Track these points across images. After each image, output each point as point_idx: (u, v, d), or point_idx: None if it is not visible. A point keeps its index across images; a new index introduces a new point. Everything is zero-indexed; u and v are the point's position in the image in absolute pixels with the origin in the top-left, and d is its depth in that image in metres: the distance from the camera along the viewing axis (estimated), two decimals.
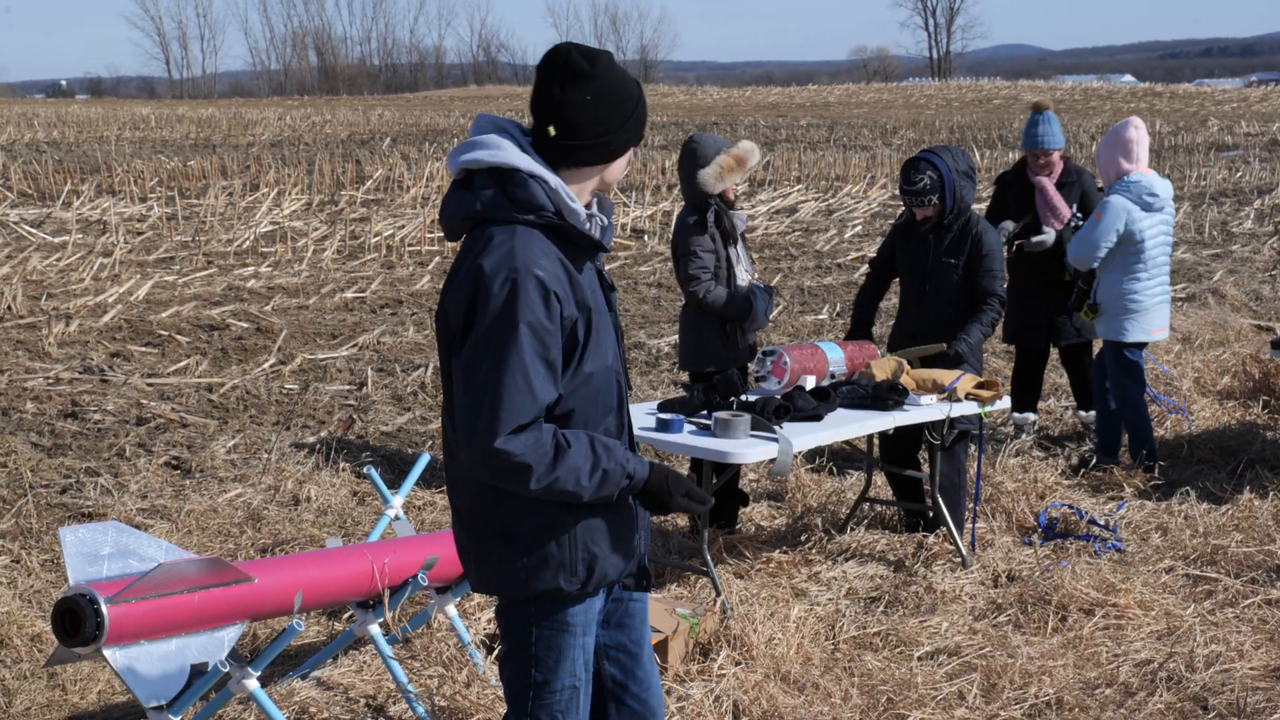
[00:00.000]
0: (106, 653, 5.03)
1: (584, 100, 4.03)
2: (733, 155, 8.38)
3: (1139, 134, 9.90)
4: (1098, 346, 10.74)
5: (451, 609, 6.43)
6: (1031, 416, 11.02)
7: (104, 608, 4.95)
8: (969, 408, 8.14)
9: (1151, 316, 9.91)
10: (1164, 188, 9.88)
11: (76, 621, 4.99)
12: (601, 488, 4.04)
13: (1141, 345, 9.98)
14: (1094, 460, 10.12)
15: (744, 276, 8.57)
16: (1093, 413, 10.92)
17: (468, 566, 4.27)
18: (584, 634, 4.30)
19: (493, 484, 4.03)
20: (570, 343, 4.01)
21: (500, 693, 5.96)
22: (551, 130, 4.05)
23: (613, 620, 4.48)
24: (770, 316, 8.65)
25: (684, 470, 9.13)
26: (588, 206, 4.21)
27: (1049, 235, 10.54)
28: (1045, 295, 10.69)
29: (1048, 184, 10.68)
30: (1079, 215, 10.64)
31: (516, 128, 4.12)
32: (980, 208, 10.31)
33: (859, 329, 8.98)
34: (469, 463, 3.99)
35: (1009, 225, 10.64)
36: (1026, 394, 11.05)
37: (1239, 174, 33.25)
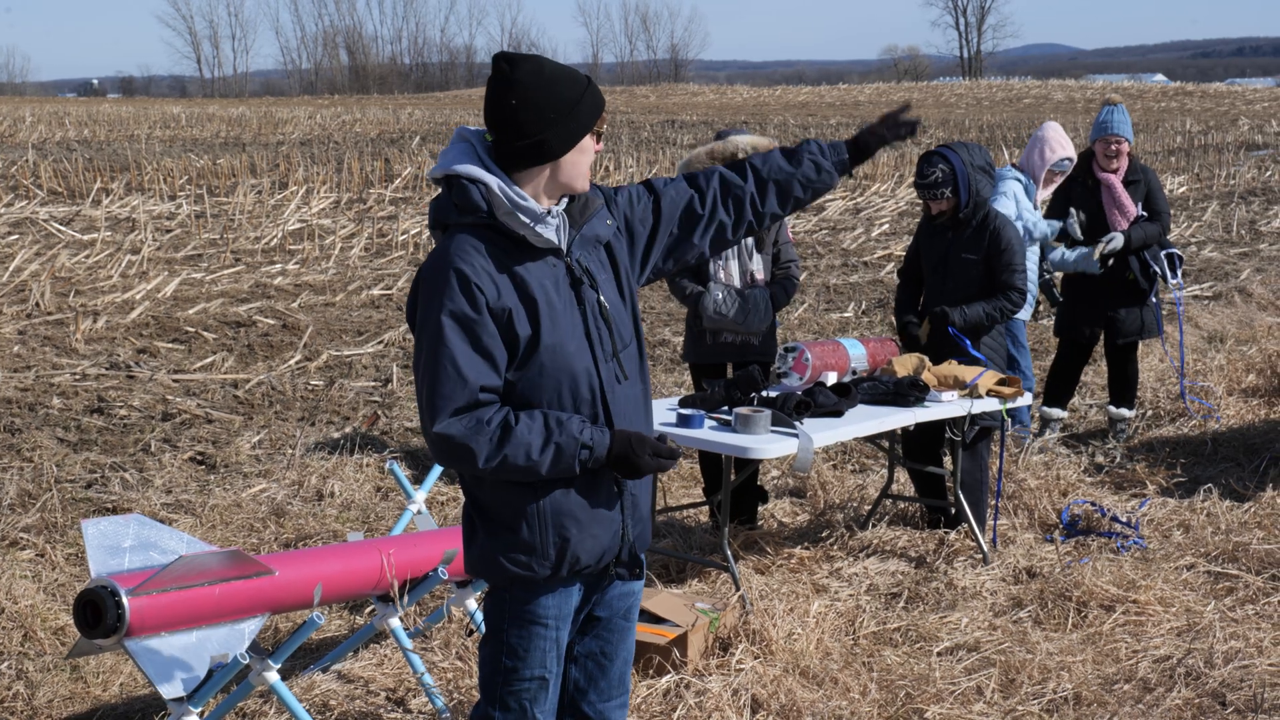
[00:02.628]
0: (127, 644, 5.06)
1: (510, 104, 4.18)
2: (713, 149, 8.43)
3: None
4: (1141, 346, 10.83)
5: (471, 603, 6.46)
6: (1060, 413, 10.99)
7: (125, 600, 4.98)
8: (990, 404, 8.14)
9: None
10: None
11: (98, 613, 5.03)
12: (558, 461, 4.15)
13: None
14: (1117, 458, 10.12)
15: (735, 277, 8.56)
16: (1123, 410, 10.91)
17: (464, 552, 4.44)
18: (557, 627, 4.39)
19: (446, 467, 4.26)
20: (509, 333, 4.16)
21: None
22: (488, 136, 4.26)
23: (591, 631, 4.54)
24: (759, 320, 8.57)
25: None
26: (557, 203, 4.30)
27: (1118, 238, 10.49)
28: (1106, 291, 10.63)
29: (1115, 181, 10.62)
30: (1144, 215, 10.61)
31: (479, 137, 4.28)
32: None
33: (905, 334, 8.91)
34: (429, 449, 4.23)
35: (1074, 222, 10.62)
36: (1062, 389, 11.02)
37: (1269, 173, 33.12)
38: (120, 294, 15.73)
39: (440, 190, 4.28)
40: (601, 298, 4.31)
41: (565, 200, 4.32)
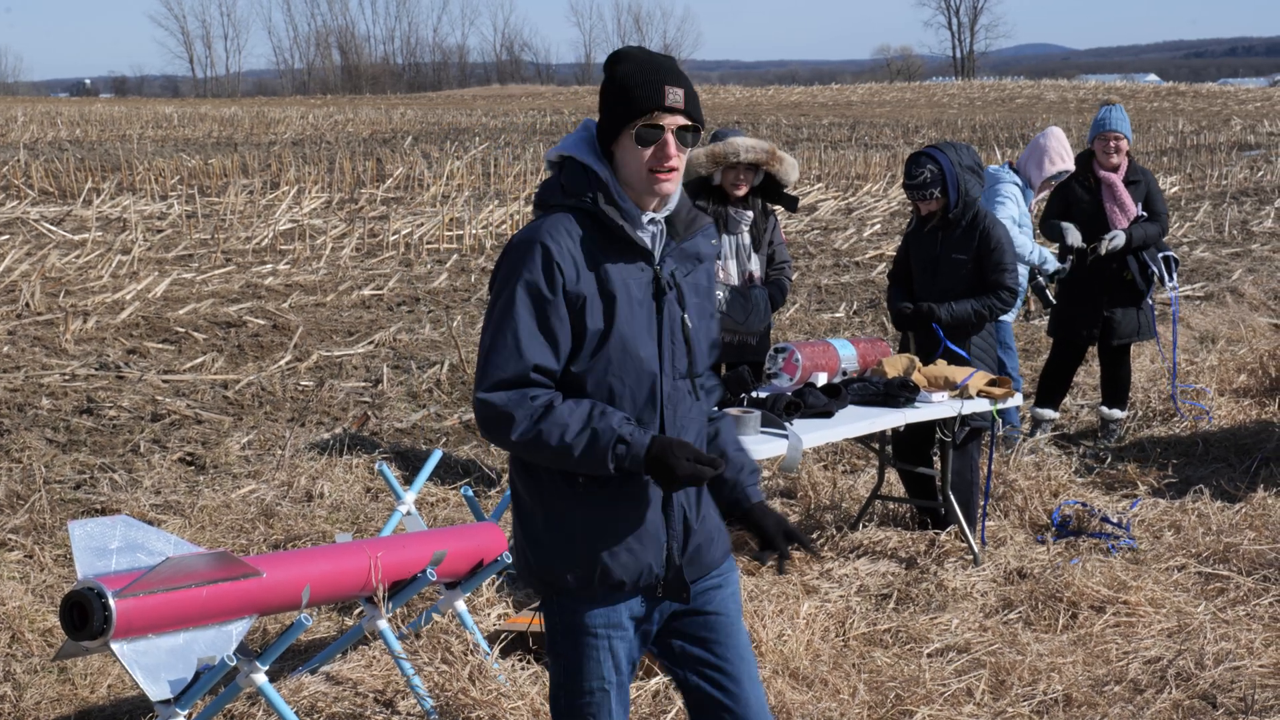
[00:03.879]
0: (114, 646, 5.04)
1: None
2: (712, 149, 8.42)
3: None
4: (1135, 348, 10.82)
5: (461, 604, 6.44)
6: (1051, 413, 11.00)
7: (111, 602, 4.96)
8: (980, 405, 8.14)
9: None
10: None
11: (84, 615, 5.00)
12: (592, 449, 4.00)
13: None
14: (1109, 459, 10.11)
15: (733, 276, 8.56)
16: (1115, 410, 10.90)
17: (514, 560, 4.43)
18: (610, 637, 4.24)
19: (484, 437, 4.24)
20: (579, 321, 4.07)
21: (506, 689, 5.97)
22: None
23: (690, 633, 4.37)
24: (758, 320, 8.56)
25: None
26: (656, 211, 4.19)
27: (1119, 237, 10.47)
28: (1102, 291, 10.62)
29: (1116, 180, 10.61)
30: (1144, 215, 10.60)
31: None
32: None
33: (900, 318, 8.88)
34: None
35: (1071, 237, 10.58)
36: (1054, 389, 11.02)
37: (1260, 173, 33.15)
38: (110, 294, 15.71)
39: (551, 173, 4.26)
40: (686, 316, 4.21)
41: (666, 211, 4.20)
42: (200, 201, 25.28)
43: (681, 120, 4.10)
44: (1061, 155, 10.60)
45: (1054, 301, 10.82)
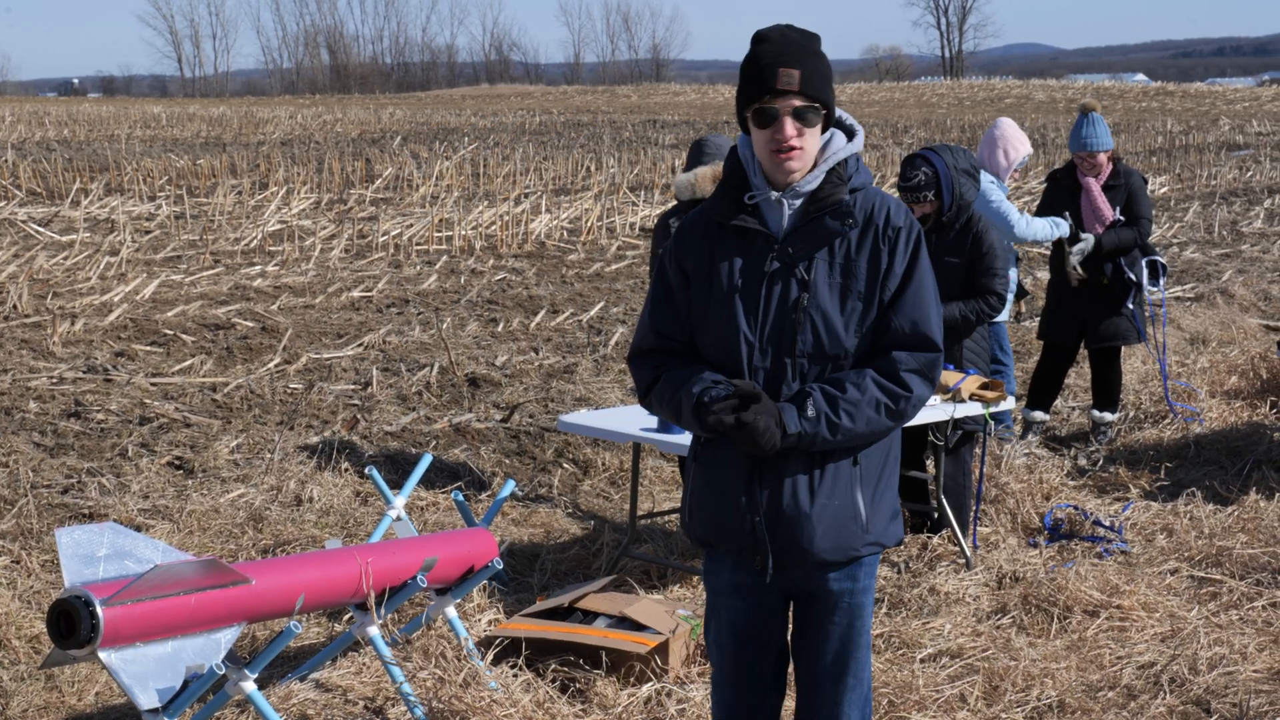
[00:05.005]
0: (102, 655, 5.00)
1: None
2: (717, 170, 8.32)
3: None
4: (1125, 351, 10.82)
5: (451, 610, 6.40)
6: (1041, 415, 11.00)
7: (99, 610, 4.92)
8: (973, 408, 8.11)
9: None
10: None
11: (72, 624, 4.96)
12: (684, 403, 4.27)
13: None
14: (1100, 461, 10.10)
15: None
16: (1106, 413, 10.90)
17: None
18: (721, 598, 4.50)
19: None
20: (684, 297, 4.37)
21: (497, 696, 5.94)
22: None
23: (796, 623, 4.55)
24: None
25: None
26: (782, 189, 4.30)
27: (1088, 241, 10.51)
28: (1082, 296, 10.65)
29: (1094, 185, 10.66)
30: (1121, 219, 10.60)
31: None
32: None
33: None
34: None
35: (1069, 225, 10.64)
36: (1044, 392, 11.04)
37: (1249, 173, 33.16)
38: (98, 296, 15.64)
39: None
40: (806, 295, 4.23)
41: (810, 186, 4.28)
42: (189, 202, 25.22)
43: (796, 102, 4.17)
44: (1021, 140, 10.79)
45: (1028, 292, 10.89)
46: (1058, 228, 10.48)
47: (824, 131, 4.29)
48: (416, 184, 29.13)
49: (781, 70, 4.13)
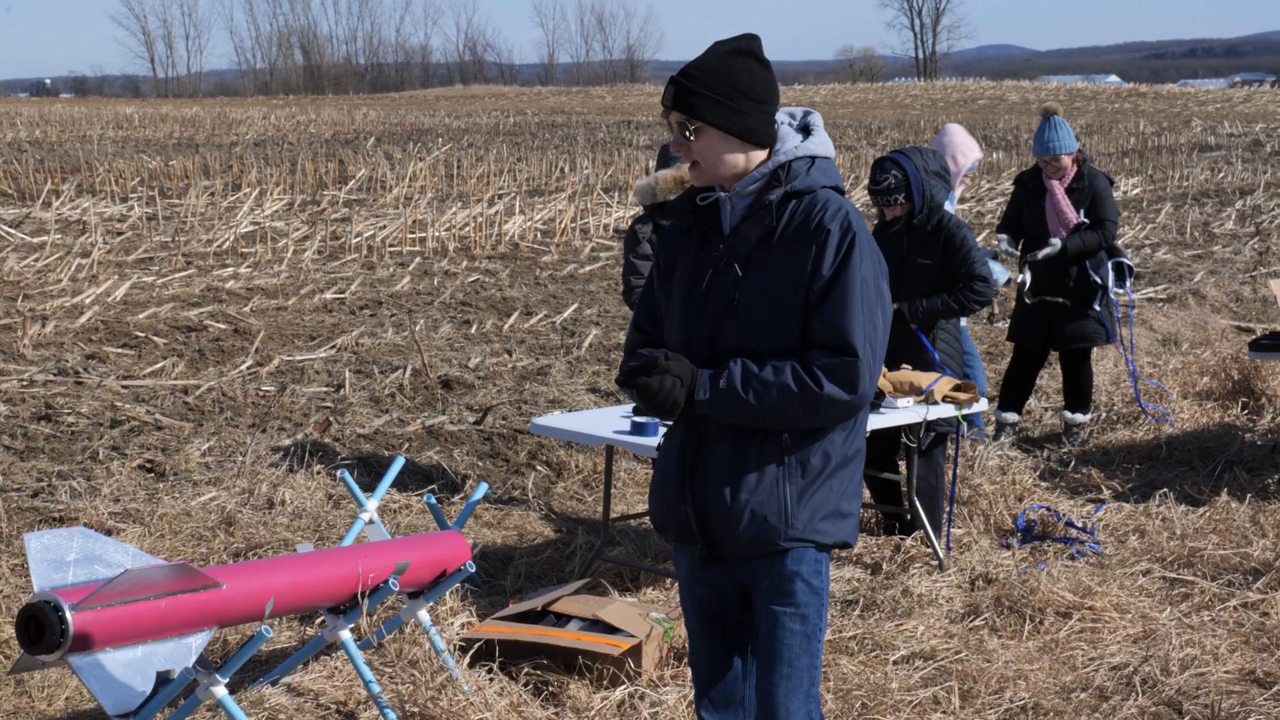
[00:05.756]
0: (71, 660, 4.97)
1: None
2: (678, 173, 8.35)
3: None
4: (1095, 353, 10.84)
5: (424, 614, 6.38)
6: (1013, 417, 11.03)
7: (68, 615, 4.89)
8: (946, 410, 8.12)
9: None
10: None
11: (41, 629, 4.93)
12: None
13: None
14: (1073, 463, 10.12)
15: None
16: (1078, 415, 10.92)
17: None
18: (685, 584, 4.67)
19: None
20: (659, 292, 4.62)
21: (471, 699, 5.92)
22: None
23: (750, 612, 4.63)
24: None
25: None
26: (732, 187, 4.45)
27: (1054, 245, 10.55)
28: (1048, 299, 10.68)
29: (1058, 189, 10.68)
30: (1086, 221, 10.63)
31: None
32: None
33: None
34: None
35: (1004, 244, 10.68)
36: (1015, 394, 11.06)
37: (1221, 174, 33.28)
38: (70, 298, 15.57)
39: None
40: (738, 294, 4.37)
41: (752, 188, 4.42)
42: (161, 203, 25.12)
43: (674, 116, 4.40)
44: (970, 146, 10.84)
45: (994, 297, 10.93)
46: (1004, 263, 10.57)
47: (750, 140, 4.37)
48: (390, 185, 29.07)
49: (667, 86, 4.40)
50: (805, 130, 4.47)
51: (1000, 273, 10.40)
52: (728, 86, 4.32)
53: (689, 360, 4.36)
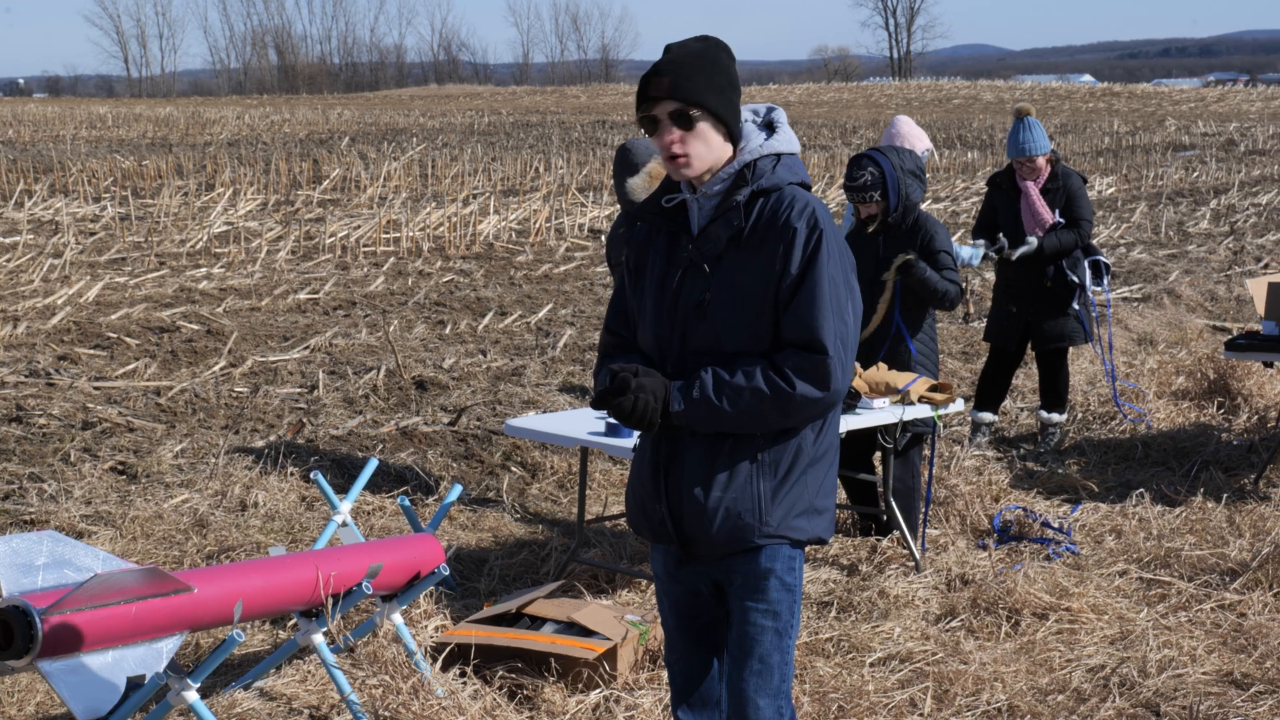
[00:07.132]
0: (41, 665, 4.92)
1: None
2: (652, 170, 8.27)
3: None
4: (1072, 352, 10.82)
5: (398, 617, 6.34)
6: (989, 417, 11.01)
7: (38, 620, 4.84)
8: (922, 410, 8.10)
9: None
10: None
11: (9, 634, 4.88)
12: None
13: None
14: (1049, 463, 10.11)
15: None
16: (1054, 415, 10.92)
17: None
18: (662, 582, 4.64)
19: None
20: (630, 294, 4.57)
21: (444, 703, 5.88)
22: None
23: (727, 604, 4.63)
24: None
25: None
26: (701, 186, 4.39)
27: (1030, 244, 10.54)
28: (1024, 299, 10.68)
29: (1032, 189, 10.68)
30: (1061, 221, 10.63)
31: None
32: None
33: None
34: None
35: (982, 247, 10.66)
36: (990, 394, 11.04)
37: (1195, 174, 33.36)
38: (41, 299, 15.48)
39: None
40: (708, 294, 4.33)
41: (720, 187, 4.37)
42: (134, 204, 25.02)
43: (670, 106, 4.27)
44: (917, 137, 10.75)
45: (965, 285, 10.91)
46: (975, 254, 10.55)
47: (730, 133, 4.35)
48: (364, 185, 28.98)
49: (654, 78, 4.28)
50: (769, 127, 4.43)
51: (972, 255, 10.37)
52: (719, 75, 4.30)
53: (663, 362, 4.37)
